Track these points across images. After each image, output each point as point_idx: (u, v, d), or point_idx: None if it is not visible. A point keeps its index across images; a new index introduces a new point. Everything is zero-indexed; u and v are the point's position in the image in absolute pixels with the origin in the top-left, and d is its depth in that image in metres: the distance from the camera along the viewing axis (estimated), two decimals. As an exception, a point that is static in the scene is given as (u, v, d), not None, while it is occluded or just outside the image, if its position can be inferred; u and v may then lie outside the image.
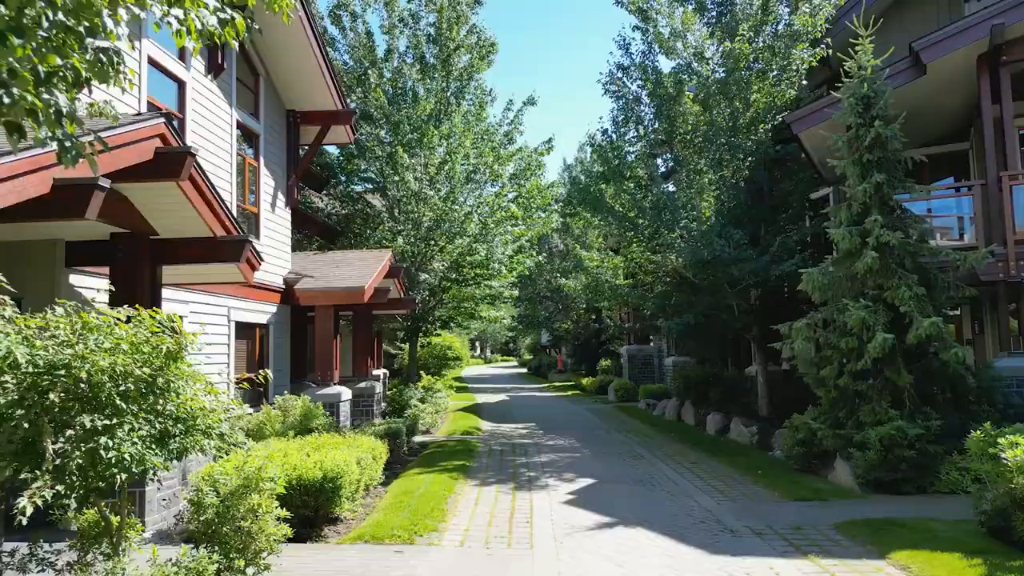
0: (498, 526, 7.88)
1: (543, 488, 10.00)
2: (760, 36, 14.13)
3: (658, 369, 25.97)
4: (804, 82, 13.93)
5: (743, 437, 14.27)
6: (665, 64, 62.15)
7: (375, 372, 22.95)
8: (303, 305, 14.08)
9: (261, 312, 13.11)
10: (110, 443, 4.50)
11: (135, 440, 4.67)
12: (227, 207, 7.85)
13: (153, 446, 4.81)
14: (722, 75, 14.85)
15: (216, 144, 11.54)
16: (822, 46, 13.71)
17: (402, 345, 25.36)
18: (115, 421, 4.60)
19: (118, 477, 4.60)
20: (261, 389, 13.26)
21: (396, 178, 17.46)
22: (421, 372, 23.23)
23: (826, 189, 16.02)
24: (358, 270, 14.55)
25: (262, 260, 8.89)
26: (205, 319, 11.04)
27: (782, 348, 11.08)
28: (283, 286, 14.02)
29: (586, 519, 8.15)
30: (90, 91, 7.12)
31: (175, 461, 5.33)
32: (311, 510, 7.51)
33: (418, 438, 15.60)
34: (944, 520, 7.51)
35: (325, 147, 19.42)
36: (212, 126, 11.46)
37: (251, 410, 12.18)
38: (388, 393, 20.21)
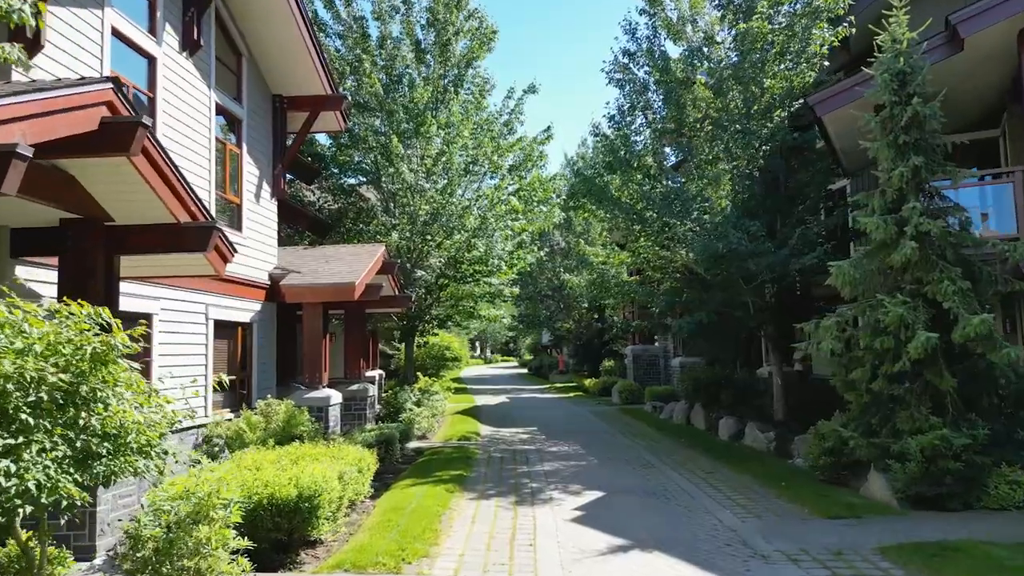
0: (498, 550, 6.98)
1: (547, 502, 9.10)
2: (778, 15, 13.23)
3: (664, 370, 25.07)
4: (826, 63, 13.03)
5: (759, 443, 13.38)
6: (673, 50, 61.01)
7: (369, 373, 22.05)
8: (290, 303, 13.18)
9: (243, 310, 12.21)
10: (12, 467, 3.60)
11: (47, 463, 3.76)
12: (192, 189, 6.96)
13: (71, 470, 3.90)
14: (735, 59, 13.97)
15: (192, 127, 10.65)
16: (844, 24, 12.81)
17: (399, 345, 24.47)
18: (21, 440, 3.70)
19: (21, 510, 3.70)
20: (244, 392, 12.37)
21: (391, 169, 16.58)
22: (418, 373, 22.38)
23: (843, 181, 15.14)
24: (349, 265, 13.65)
25: (235, 251, 7.99)
26: (179, 317, 10.15)
27: (805, 348, 10.15)
28: (268, 282, 13.12)
29: (596, 541, 7.25)
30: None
31: (103, 487, 4.43)
32: (285, 533, 6.62)
33: (413, 444, 14.70)
34: (1003, 544, 6.62)
35: (315, 137, 18.54)
36: (188, 108, 10.57)
37: (231, 415, 11.32)
38: (383, 395, 19.35)
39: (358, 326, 15.55)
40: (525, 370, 55.95)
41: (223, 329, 11.63)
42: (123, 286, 8.71)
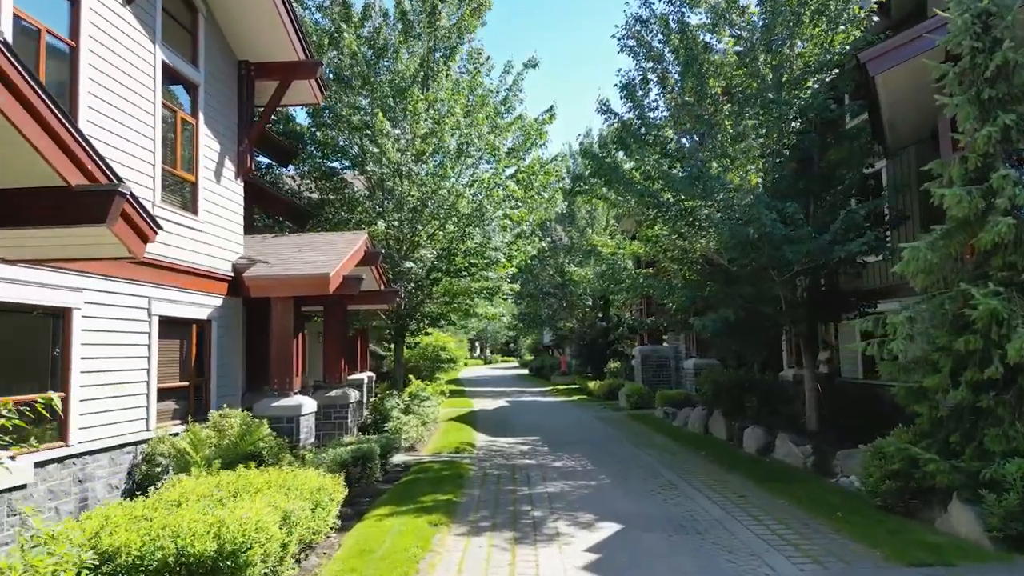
0: (489, 617, 5.29)
1: (552, 539, 7.41)
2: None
3: (675, 372, 23.38)
4: (875, 18, 11.33)
5: (793, 458, 11.68)
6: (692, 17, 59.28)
7: (356, 376, 20.38)
8: (257, 297, 11.49)
9: (200, 305, 10.53)
10: None
11: None
12: (88, 142, 5.26)
13: None
14: (764, 21, 12.27)
15: (129, 88, 8.96)
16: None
17: (391, 345, 22.75)
18: None
19: None
20: (201, 401, 10.69)
21: (375, 150, 14.87)
22: (410, 376, 20.70)
23: (880, 162, 13.45)
24: (324, 255, 11.96)
25: (159, 228, 6.30)
26: (111, 313, 8.46)
27: (864, 349, 8.47)
28: (232, 274, 11.44)
29: (619, 601, 5.56)
30: None
31: None
32: (201, 601, 4.93)
33: (399, 457, 13.01)
34: None
35: (293, 115, 16.85)
36: (124, 64, 8.88)
37: (182, 428, 9.64)
38: (371, 400, 17.68)
39: (338, 324, 13.87)
40: (526, 371, 54.30)
41: (172, 327, 9.95)
42: (31, 274, 7.06)
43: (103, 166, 5.51)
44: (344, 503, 8.47)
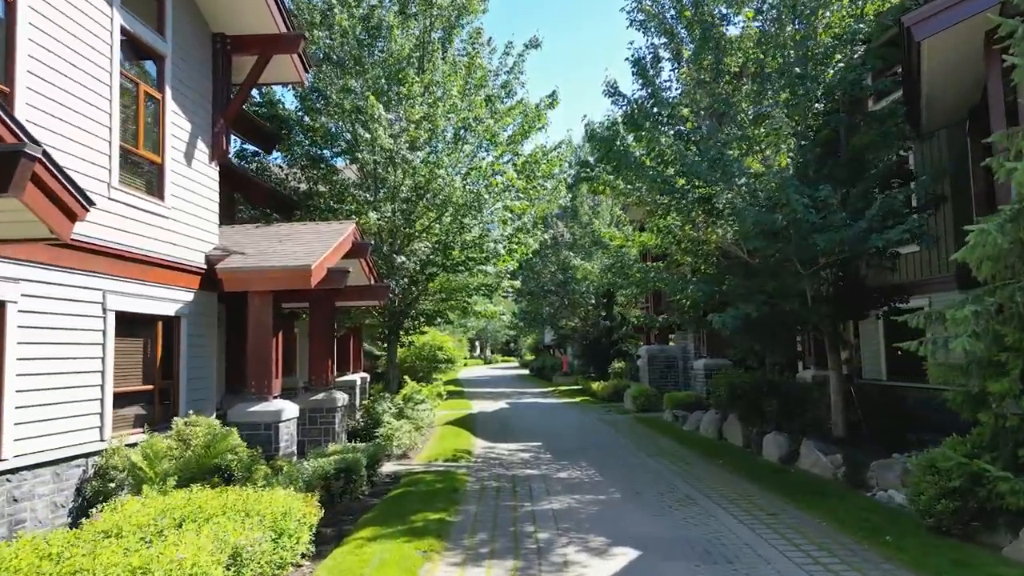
0: None
1: (561, 570, 6.37)
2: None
3: (683, 373, 22.34)
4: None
5: (821, 468, 10.65)
6: None
7: (348, 377, 19.32)
8: (229, 290, 10.45)
9: (165, 300, 9.50)
10: None
11: None
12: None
13: None
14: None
15: (78, 51, 7.92)
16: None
17: (386, 345, 21.69)
18: None
19: None
20: (167, 404, 9.66)
21: (366, 135, 13.82)
22: (405, 377, 19.68)
23: (907, 149, 12.42)
24: (306, 246, 10.93)
25: (90, 204, 5.28)
26: (56, 307, 7.43)
27: (916, 348, 7.42)
28: (204, 266, 10.41)
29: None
30: None
31: None
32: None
33: (390, 467, 11.98)
34: None
35: (280, 100, 15.81)
36: (73, 25, 7.84)
37: (144, 437, 8.61)
38: (364, 403, 16.66)
39: (325, 322, 12.84)
40: (526, 371, 53.29)
41: (133, 324, 8.92)
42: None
43: (12, 124, 4.47)
44: (325, 522, 7.48)
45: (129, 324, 8.78)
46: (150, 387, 9.25)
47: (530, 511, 8.61)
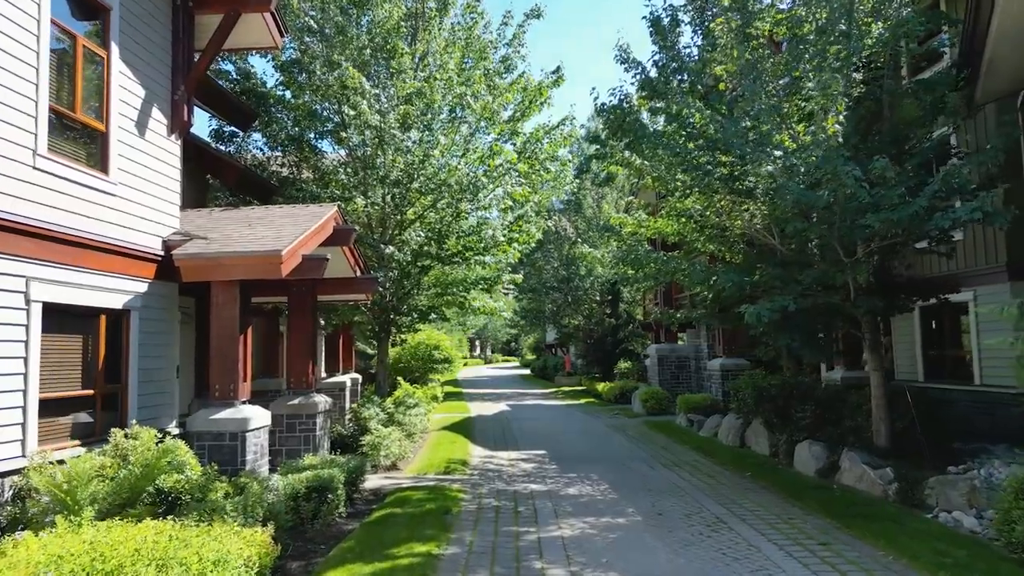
0: None
1: (576, 626, 5.03)
2: None
3: (695, 373, 20.98)
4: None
5: (868, 484, 9.30)
6: None
7: (340, 378, 17.94)
8: (188, 280, 9.09)
9: (111, 290, 8.16)
10: None
11: None
12: None
13: None
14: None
15: (-7, -10, 6.59)
16: None
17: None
18: None
19: None
20: (115, 413, 8.31)
21: (351, 112, 12.48)
22: (399, 379, 18.33)
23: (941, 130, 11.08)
24: (279, 230, 9.58)
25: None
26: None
27: (1013, 343, 6.08)
28: (161, 252, 9.07)
29: None
30: None
31: None
32: None
33: (376, 480, 10.64)
34: None
35: (262, 78, 14.45)
36: (-15, -42, 6.51)
37: (81, 452, 7.28)
38: (353, 406, 15.34)
39: (305, 317, 11.47)
40: (527, 371, 51.96)
41: (67, 319, 7.58)
42: None
43: None
44: (293, 552, 6.15)
45: (62, 318, 7.44)
46: (90, 392, 7.90)
47: (536, 540, 7.25)
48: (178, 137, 9.69)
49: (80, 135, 7.92)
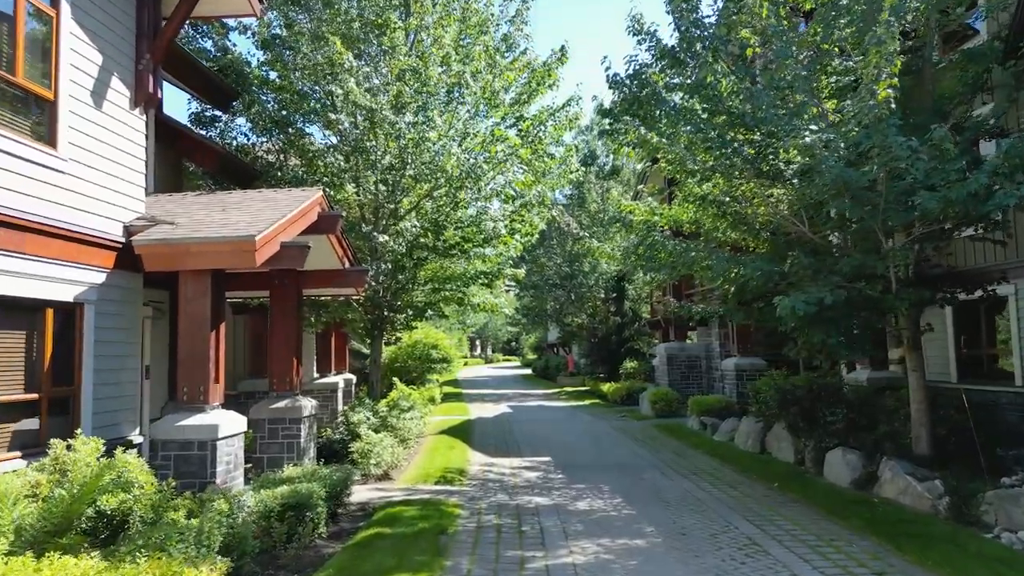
0: None
1: None
2: None
3: (706, 374, 20.00)
4: None
5: (914, 498, 8.33)
6: None
7: (332, 379, 17.00)
8: (151, 269, 8.10)
9: (59, 280, 7.18)
10: None
11: None
12: None
13: None
14: None
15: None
16: None
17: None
18: None
19: None
20: (67, 419, 7.34)
21: (339, 91, 11.50)
22: (395, 379, 17.33)
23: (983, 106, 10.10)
24: (254, 215, 8.60)
25: None
26: None
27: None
28: (122, 239, 8.09)
29: None
30: None
31: None
32: None
33: (364, 492, 9.65)
34: None
35: (241, 54, 13.46)
36: None
37: (19, 464, 6.32)
38: (344, 409, 14.38)
39: (289, 313, 10.48)
40: (529, 371, 50.97)
41: (6, 313, 6.61)
42: None
43: None
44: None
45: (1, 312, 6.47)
46: (34, 396, 6.92)
47: (543, 568, 6.26)
48: (143, 111, 8.71)
49: (22, 103, 6.94)
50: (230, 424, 7.98)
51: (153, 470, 7.59)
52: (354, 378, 19.08)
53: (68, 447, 6.19)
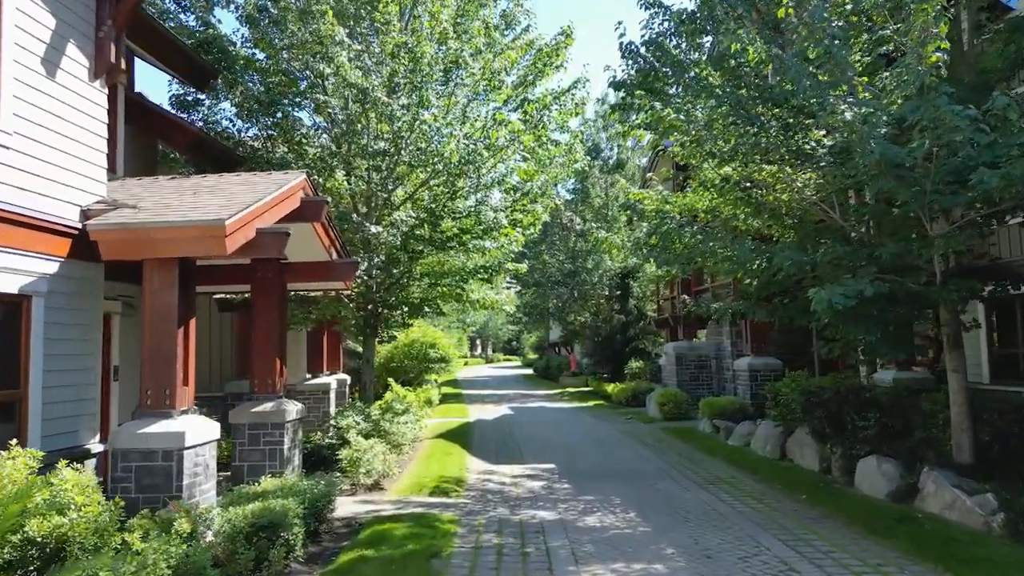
0: None
1: None
2: None
3: (716, 374, 19.13)
4: None
5: (962, 514, 7.47)
6: None
7: (324, 379, 16.13)
8: (109, 258, 7.26)
9: (3, 270, 6.32)
10: None
11: None
12: None
13: None
14: None
15: None
16: None
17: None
18: None
19: None
20: (12, 427, 6.49)
21: (329, 69, 10.65)
22: (390, 380, 16.53)
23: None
24: (228, 199, 7.75)
25: None
26: None
27: None
28: (79, 224, 7.24)
29: None
30: None
31: None
32: None
33: (350, 505, 8.80)
34: None
35: (216, 21, 12.61)
36: None
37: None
38: (336, 411, 13.55)
39: (271, 309, 9.62)
40: (530, 371, 50.10)
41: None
42: None
43: None
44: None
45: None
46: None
47: (551, 600, 5.41)
48: (105, 83, 7.85)
49: (-46, 66, 6.09)
50: (199, 431, 7.12)
51: (114, 483, 6.79)
52: (348, 379, 18.24)
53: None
